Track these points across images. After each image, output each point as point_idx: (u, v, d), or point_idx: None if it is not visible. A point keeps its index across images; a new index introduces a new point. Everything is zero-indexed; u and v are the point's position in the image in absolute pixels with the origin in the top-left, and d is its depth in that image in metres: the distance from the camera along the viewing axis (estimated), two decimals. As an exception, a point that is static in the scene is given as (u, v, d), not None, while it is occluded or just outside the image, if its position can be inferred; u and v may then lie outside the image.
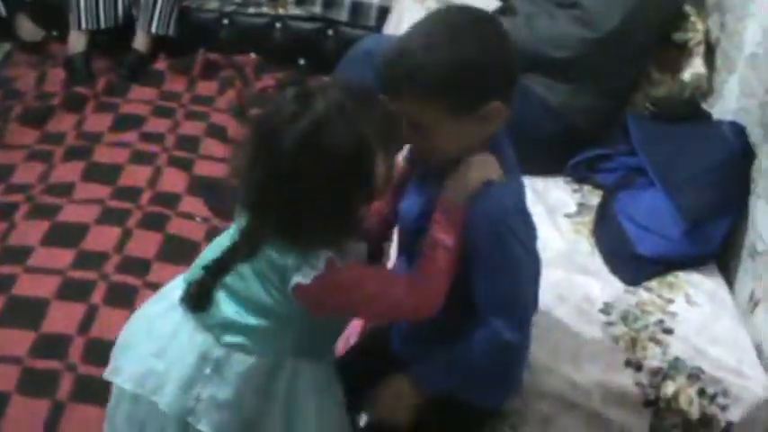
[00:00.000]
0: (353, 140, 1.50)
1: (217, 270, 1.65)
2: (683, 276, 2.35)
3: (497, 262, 1.64)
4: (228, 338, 1.65)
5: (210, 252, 1.70)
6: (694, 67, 2.87)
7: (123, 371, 1.73)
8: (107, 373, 1.76)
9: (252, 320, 1.64)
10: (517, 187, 1.72)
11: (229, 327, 1.65)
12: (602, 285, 2.26)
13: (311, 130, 1.49)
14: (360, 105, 1.53)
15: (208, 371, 1.65)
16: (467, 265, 1.66)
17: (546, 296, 2.12)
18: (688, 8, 2.90)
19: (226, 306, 1.65)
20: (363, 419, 1.99)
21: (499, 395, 1.91)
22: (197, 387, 1.65)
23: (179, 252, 2.81)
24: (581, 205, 2.57)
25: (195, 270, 1.70)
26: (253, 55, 4.14)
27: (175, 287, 1.74)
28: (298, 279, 1.56)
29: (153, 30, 3.94)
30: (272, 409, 1.68)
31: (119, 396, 1.77)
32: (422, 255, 1.65)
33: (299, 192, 1.51)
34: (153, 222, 3.00)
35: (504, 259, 1.64)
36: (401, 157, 1.84)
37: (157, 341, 1.70)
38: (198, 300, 1.66)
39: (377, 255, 1.97)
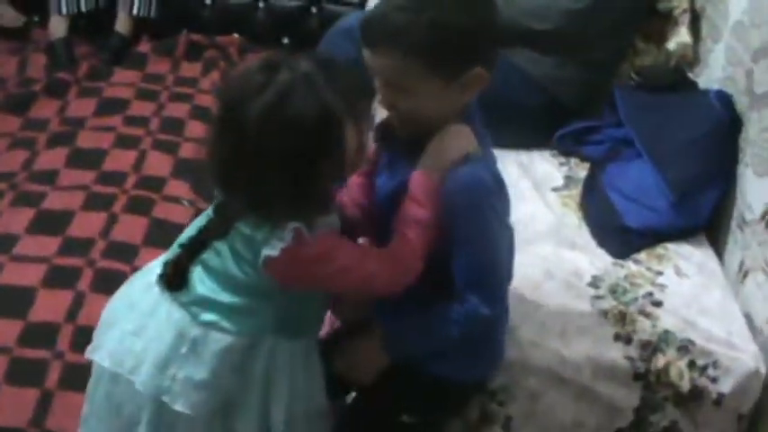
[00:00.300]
0: (319, 111, 1.48)
1: (192, 248, 1.65)
2: (671, 248, 2.34)
3: (475, 236, 1.64)
4: (205, 317, 1.64)
5: (189, 231, 1.69)
6: (680, 37, 2.85)
7: (103, 348, 1.73)
8: (88, 351, 1.76)
9: (227, 298, 1.63)
10: (490, 159, 1.72)
11: (206, 304, 1.64)
12: (591, 259, 2.24)
13: (276, 101, 1.47)
14: (328, 76, 1.52)
15: (184, 350, 1.64)
16: (444, 238, 1.65)
17: (534, 271, 2.12)
18: (672, -24, 2.89)
19: (202, 283, 1.64)
20: (350, 398, 1.99)
21: (478, 369, 1.91)
22: (173, 367, 1.64)
23: (166, 236, 2.72)
24: (568, 178, 2.55)
25: (174, 249, 1.69)
26: (236, 35, 4.10)
27: (158, 264, 1.73)
28: (266, 252, 1.55)
29: (135, 12, 3.91)
30: (249, 387, 1.68)
31: (98, 374, 1.77)
32: (396, 231, 1.65)
33: (267, 164, 1.49)
34: (139, 207, 2.98)
35: (482, 233, 1.64)
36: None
37: (137, 319, 1.70)
38: (173, 278, 1.65)
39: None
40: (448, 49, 1.56)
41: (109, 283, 2.57)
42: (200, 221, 1.69)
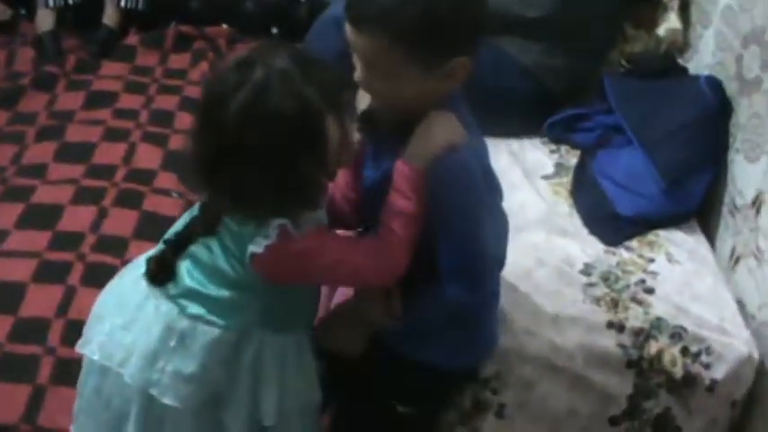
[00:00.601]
0: (297, 105, 1.48)
1: (177, 244, 1.66)
2: (663, 235, 2.34)
3: (459, 225, 1.63)
4: (193, 309, 1.64)
5: (176, 228, 1.70)
6: (669, 22, 2.85)
7: (93, 342, 1.73)
8: (79, 345, 1.76)
9: (215, 291, 1.64)
10: (478, 145, 1.70)
11: (194, 297, 1.64)
12: (582, 246, 2.24)
13: (253, 98, 1.48)
14: (304, 70, 1.51)
15: (172, 343, 1.64)
16: (430, 225, 1.63)
17: (525, 259, 2.12)
18: (661, -37, 2.88)
19: (190, 276, 1.65)
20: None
21: (468, 355, 1.91)
22: (161, 360, 1.65)
23: (156, 229, 2.67)
24: (559, 166, 2.55)
25: (159, 245, 1.70)
26: (225, 26, 4.07)
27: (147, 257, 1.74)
28: (252, 249, 1.56)
29: (122, 4, 3.88)
30: (237, 380, 1.68)
31: (88, 368, 1.78)
32: (382, 224, 1.63)
33: (248, 161, 1.49)
34: (129, 200, 2.96)
35: (466, 222, 1.63)
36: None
37: (126, 313, 1.70)
38: (156, 273, 1.66)
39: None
40: (434, 37, 1.53)
41: (99, 277, 2.55)
42: (187, 218, 1.69)
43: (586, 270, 2.17)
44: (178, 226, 1.69)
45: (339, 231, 1.83)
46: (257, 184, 1.50)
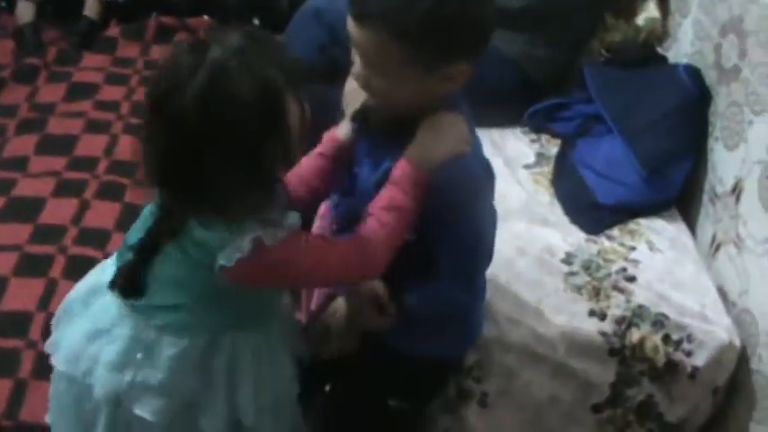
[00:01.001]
0: (259, 84, 1.39)
1: (144, 254, 1.56)
2: (644, 223, 2.35)
3: (463, 229, 1.61)
4: (158, 320, 1.58)
5: (136, 234, 1.60)
6: (648, 12, 2.86)
7: (59, 348, 1.67)
8: (47, 346, 1.71)
9: (181, 300, 1.56)
10: (476, 143, 1.67)
11: (159, 308, 1.57)
12: (563, 235, 2.24)
13: (210, 79, 1.37)
14: (261, 48, 1.44)
15: (139, 356, 1.58)
16: (429, 225, 1.62)
17: (507, 248, 2.12)
18: (640, -49, 2.89)
19: (153, 286, 1.57)
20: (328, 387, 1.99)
21: (459, 346, 1.93)
22: (129, 372, 1.59)
23: None
24: (540, 155, 2.54)
25: (124, 253, 1.60)
26: (206, 17, 4.06)
27: (114, 260, 1.67)
28: (221, 262, 1.48)
29: (103, -5, 3.88)
30: (213, 385, 1.63)
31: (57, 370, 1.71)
32: (373, 215, 1.58)
33: (211, 150, 1.40)
34: (110, 192, 2.96)
35: (471, 226, 1.62)
36: (347, 126, 1.75)
37: (92, 319, 1.64)
38: (128, 285, 1.57)
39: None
40: (438, 41, 1.48)
41: (81, 270, 2.46)
42: (146, 222, 1.59)
43: (568, 259, 2.17)
44: (138, 232, 1.59)
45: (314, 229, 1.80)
46: (221, 173, 1.41)
